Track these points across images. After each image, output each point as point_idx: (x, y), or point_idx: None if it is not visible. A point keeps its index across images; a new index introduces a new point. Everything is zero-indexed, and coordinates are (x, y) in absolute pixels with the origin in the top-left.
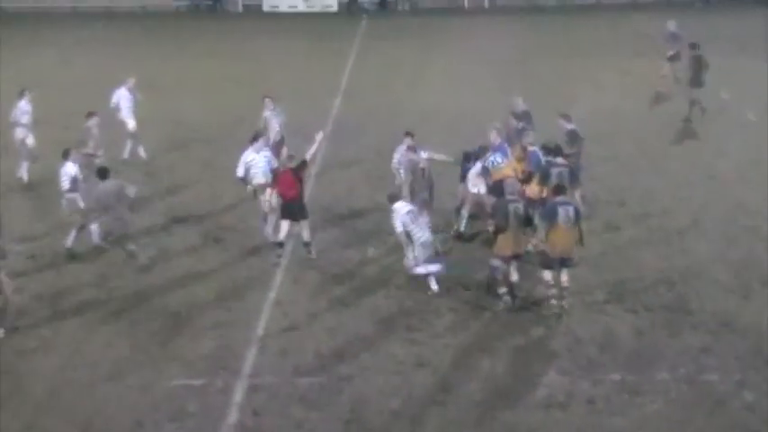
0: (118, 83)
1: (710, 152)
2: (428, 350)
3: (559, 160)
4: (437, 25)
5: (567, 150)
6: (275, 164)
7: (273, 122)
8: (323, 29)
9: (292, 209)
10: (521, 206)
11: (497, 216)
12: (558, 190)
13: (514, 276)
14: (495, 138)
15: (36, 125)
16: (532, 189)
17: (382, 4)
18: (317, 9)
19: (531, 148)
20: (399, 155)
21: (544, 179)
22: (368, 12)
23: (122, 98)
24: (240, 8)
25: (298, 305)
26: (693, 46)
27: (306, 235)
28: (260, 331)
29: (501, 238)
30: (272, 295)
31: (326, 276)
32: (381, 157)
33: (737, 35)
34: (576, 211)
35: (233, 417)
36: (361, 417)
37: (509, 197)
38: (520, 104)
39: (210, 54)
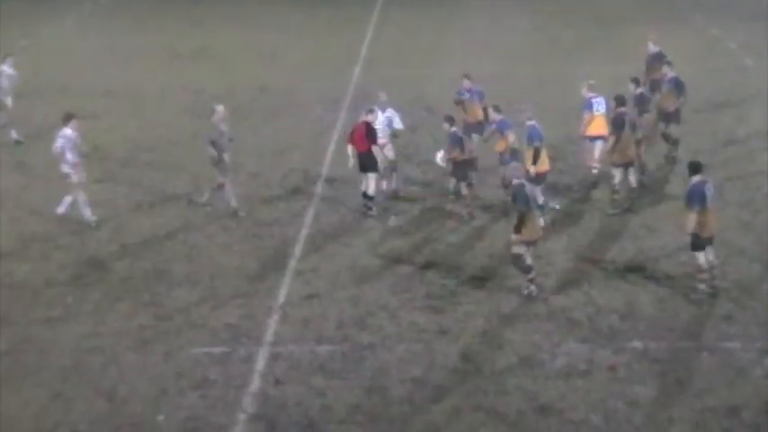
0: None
1: (731, 118)
2: (449, 318)
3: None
4: None
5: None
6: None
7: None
8: None
9: (362, 160)
10: (534, 188)
11: (520, 202)
12: (696, 168)
13: (529, 260)
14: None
15: (52, 93)
16: (540, 165)
17: None
18: None
19: (529, 123)
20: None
21: (616, 127)
22: None
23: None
24: None
25: (319, 274)
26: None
27: (370, 188)
28: (282, 300)
29: (527, 222)
30: (293, 264)
31: (348, 245)
32: (407, 129)
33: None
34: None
35: (255, 385)
36: (383, 385)
37: (518, 181)
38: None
39: (230, 25)
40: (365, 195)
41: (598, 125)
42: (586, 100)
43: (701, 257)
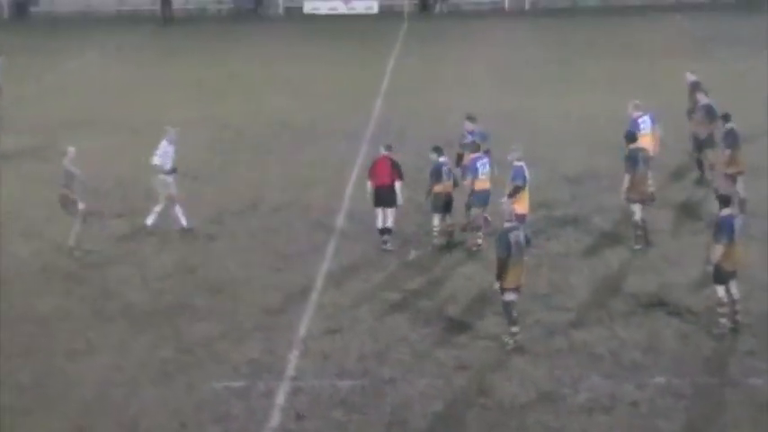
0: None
1: (757, 153)
2: (469, 353)
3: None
4: (477, 27)
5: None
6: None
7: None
8: (363, 31)
9: (382, 195)
10: (521, 234)
11: (501, 247)
12: (725, 201)
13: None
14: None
15: (78, 126)
16: (520, 204)
17: (423, 6)
18: (358, 11)
19: (517, 164)
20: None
21: (631, 164)
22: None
23: None
24: (281, 11)
25: (340, 308)
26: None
27: (389, 222)
28: (302, 334)
29: (509, 269)
30: (314, 298)
31: (368, 280)
32: (422, 159)
33: None
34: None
35: (275, 419)
36: (404, 419)
37: (507, 225)
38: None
39: (253, 57)
40: (381, 230)
41: (645, 144)
42: (633, 120)
43: (721, 291)
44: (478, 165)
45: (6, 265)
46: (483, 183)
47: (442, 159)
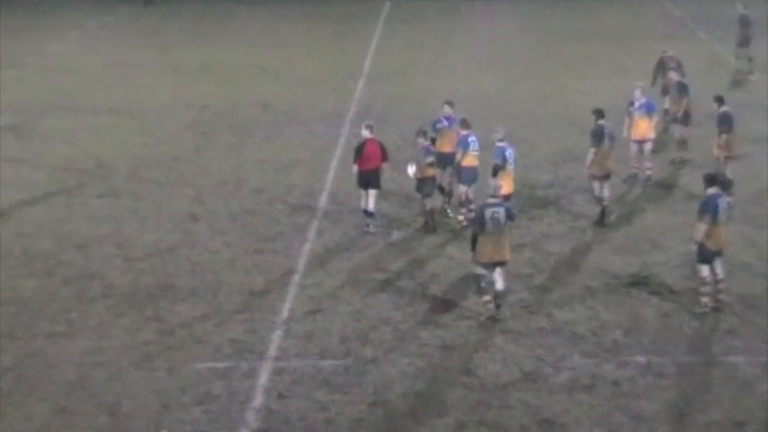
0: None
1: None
2: (452, 333)
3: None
4: (459, 9)
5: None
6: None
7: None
8: (345, 13)
9: (367, 177)
10: (501, 210)
11: (474, 222)
12: (712, 180)
13: (499, 285)
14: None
15: (58, 108)
16: (504, 184)
17: None
18: None
19: (499, 144)
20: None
21: (596, 139)
22: None
23: None
24: None
25: (322, 289)
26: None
27: (371, 205)
28: (285, 315)
29: (479, 244)
30: (296, 279)
31: (351, 260)
32: (404, 141)
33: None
34: (727, 203)
35: (258, 400)
36: (386, 399)
37: (489, 200)
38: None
39: (234, 40)
40: (366, 212)
41: (642, 129)
42: (632, 102)
43: (705, 270)
44: (470, 140)
45: None
46: (472, 159)
47: (425, 144)
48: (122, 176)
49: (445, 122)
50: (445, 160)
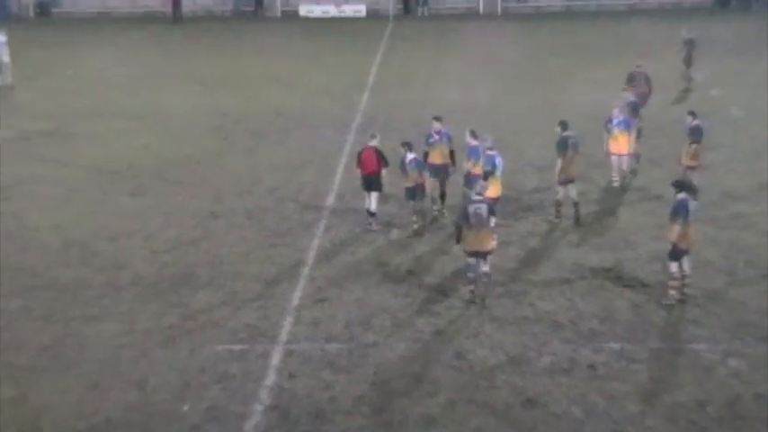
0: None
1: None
2: (444, 320)
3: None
4: (455, 28)
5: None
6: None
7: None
8: (352, 32)
9: (368, 180)
10: (483, 207)
11: (459, 216)
12: (681, 186)
13: (484, 267)
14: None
15: (92, 114)
16: (492, 188)
17: (406, 10)
18: (347, 14)
19: (489, 152)
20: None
21: (561, 149)
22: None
23: None
24: (279, 13)
25: (329, 280)
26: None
27: (373, 206)
28: (295, 303)
29: (464, 236)
30: (306, 271)
31: (355, 254)
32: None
33: (730, 39)
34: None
35: (270, 379)
36: (385, 379)
37: (474, 197)
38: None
39: (252, 54)
40: (368, 212)
41: (620, 143)
42: (610, 118)
43: (675, 266)
44: (480, 150)
45: (29, 239)
46: (479, 168)
47: (410, 155)
48: (149, 176)
49: (436, 137)
50: (437, 171)
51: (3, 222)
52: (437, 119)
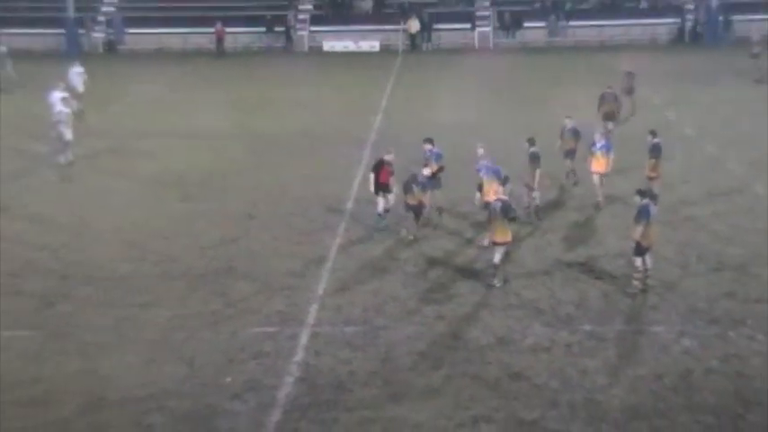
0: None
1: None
2: (445, 308)
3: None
4: (454, 61)
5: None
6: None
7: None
8: (368, 64)
9: (385, 187)
10: (497, 205)
11: (488, 211)
12: (644, 193)
13: (495, 259)
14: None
15: (146, 133)
16: (484, 195)
17: (413, 45)
18: (364, 49)
19: (482, 161)
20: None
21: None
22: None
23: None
24: (306, 48)
25: (348, 272)
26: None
27: (380, 207)
28: (319, 292)
29: (491, 228)
30: (329, 265)
31: (370, 251)
32: (413, 163)
33: (683, 69)
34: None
35: (299, 356)
36: (394, 356)
37: (499, 197)
38: (568, 123)
39: (282, 83)
40: (380, 214)
41: (599, 164)
42: (593, 143)
43: (638, 261)
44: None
45: (95, 238)
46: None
47: (425, 171)
48: (196, 186)
49: (429, 154)
50: (432, 184)
51: (73, 224)
52: (428, 140)
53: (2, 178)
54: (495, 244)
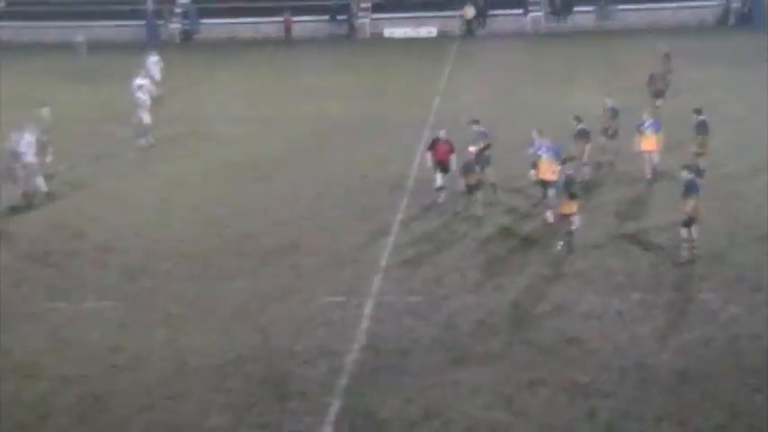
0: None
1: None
2: (504, 278)
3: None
4: (508, 45)
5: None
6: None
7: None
8: (426, 49)
9: (444, 165)
10: (563, 178)
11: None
12: (691, 169)
13: (573, 225)
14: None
15: (220, 118)
16: (542, 173)
17: (469, 31)
18: (422, 35)
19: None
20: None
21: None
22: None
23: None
24: (368, 35)
25: (410, 246)
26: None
27: (441, 182)
28: (383, 264)
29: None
30: (392, 239)
31: (429, 225)
32: (464, 141)
33: (726, 50)
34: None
35: (364, 324)
36: (454, 324)
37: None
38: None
39: (346, 69)
40: (437, 188)
41: (649, 143)
42: (642, 122)
43: (685, 232)
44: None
45: (174, 216)
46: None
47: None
48: (268, 167)
49: (476, 134)
50: (482, 161)
51: (153, 203)
52: (475, 121)
53: (87, 161)
54: (563, 216)
